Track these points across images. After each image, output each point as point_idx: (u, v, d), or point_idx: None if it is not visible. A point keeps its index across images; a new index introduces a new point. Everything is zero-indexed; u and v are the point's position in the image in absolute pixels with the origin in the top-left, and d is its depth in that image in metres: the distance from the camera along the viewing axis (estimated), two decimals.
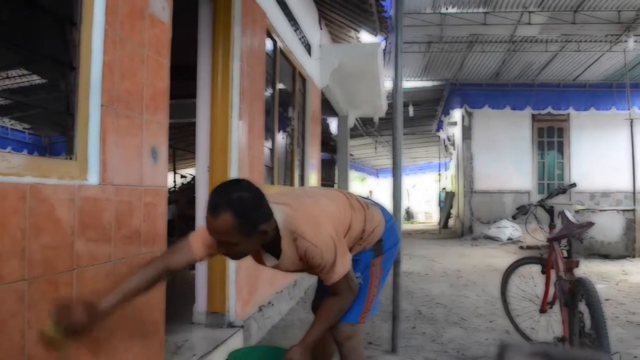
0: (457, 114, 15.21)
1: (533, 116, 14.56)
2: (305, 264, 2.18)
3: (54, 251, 1.92)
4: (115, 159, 2.30)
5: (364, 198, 2.60)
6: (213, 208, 1.89)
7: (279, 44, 5.51)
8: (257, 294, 4.49)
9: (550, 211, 3.89)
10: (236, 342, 3.74)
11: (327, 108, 10.37)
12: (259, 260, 2.29)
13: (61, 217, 1.96)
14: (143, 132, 2.54)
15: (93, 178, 2.17)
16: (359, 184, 31.53)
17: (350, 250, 2.34)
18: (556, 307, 3.68)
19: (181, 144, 13.74)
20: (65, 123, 2.13)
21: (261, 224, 1.97)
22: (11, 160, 1.77)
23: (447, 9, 10.26)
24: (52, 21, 2.19)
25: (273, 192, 2.27)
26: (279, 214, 2.07)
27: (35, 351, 1.83)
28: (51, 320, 1.73)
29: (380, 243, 2.49)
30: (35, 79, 3.63)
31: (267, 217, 2.01)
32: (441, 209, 22.26)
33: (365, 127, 17.41)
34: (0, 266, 1.67)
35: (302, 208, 2.17)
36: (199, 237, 2.15)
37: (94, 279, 2.16)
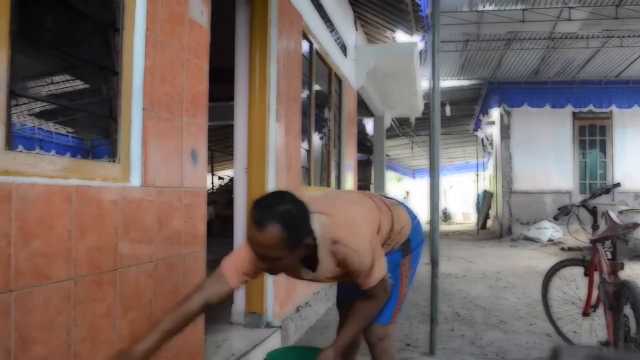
0: (495, 113, 14.96)
1: (574, 114, 14.22)
2: (344, 271, 2.13)
3: (98, 251, 1.97)
4: (156, 161, 2.35)
5: (387, 198, 2.58)
6: (259, 221, 1.83)
7: (315, 45, 5.53)
8: (295, 294, 4.52)
9: (593, 212, 3.80)
10: (274, 342, 3.76)
11: (363, 109, 10.34)
12: (295, 275, 2.22)
13: (105, 219, 2.01)
14: (183, 134, 2.58)
15: (135, 180, 2.22)
16: (395, 185, 31.35)
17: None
18: (600, 311, 3.60)
19: (218, 145, 13.92)
20: (109, 127, 2.19)
21: (305, 237, 1.94)
22: (57, 163, 1.83)
23: (484, 6, 10.11)
24: (96, 28, 2.24)
25: (314, 197, 2.28)
26: (316, 222, 2.02)
27: (81, 349, 1.88)
28: None
29: (408, 242, 2.49)
30: (79, 84, 3.74)
31: (309, 231, 1.97)
32: (479, 210, 21.96)
33: (402, 128, 17.30)
34: (47, 266, 1.73)
35: (339, 214, 2.13)
36: (232, 266, 2.10)
37: (136, 279, 2.21)
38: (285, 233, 1.83)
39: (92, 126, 3.53)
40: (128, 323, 2.16)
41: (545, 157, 14.27)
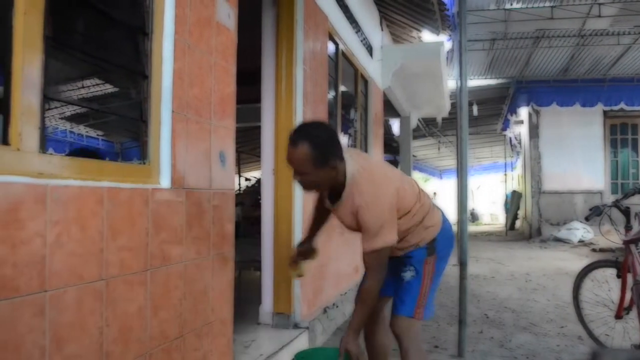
0: (523, 112, 14.75)
1: (605, 113, 13.92)
2: (355, 220, 2.35)
3: (129, 252, 2.00)
4: (185, 163, 2.38)
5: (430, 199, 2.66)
6: (294, 139, 2.19)
7: (341, 46, 5.53)
8: (322, 295, 4.52)
9: (626, 212, 3.73)
10: (301, 343, 3.77)
11: (389, 109, 10.30)
12: (321, 200, 2.63)
13: (136, 220, 2.04)
14: (211, 136, 2.61)
15: (165, 182, 2.25)
16: (422, 185, 31.12)
17: (404, 239, 2.48)
18: (633, 313, 3.53)
19: (245, 147, 14.01)
20: (139, 129, 2.22)
21: (331, 159, 2.22)
22: (90, 165, 1.86)
23: (511, 4, 9.97)
24: (126, 32, 2.28)
25: (360, 153, 2.55)
26: (351, 167, 2.31)
27: (113, 348, 1.91)
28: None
29: (434, 242, 2.54)
30: (109, 88, 3.80)
31: (337, 157, 2.26)
32: (507, 211, 21.67)
33: (428, 128, 17.19)
34: (80, 266, 1.76)
35: (372, 174, 2.33)
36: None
37: (166, 280, 2.24)
38: (313, 150, 2.16)
39: (121, 129, 3.58)
40: (159, 323, 2.18)
41: (576, 156, 14.01)
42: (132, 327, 2.03)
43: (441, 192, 29.51)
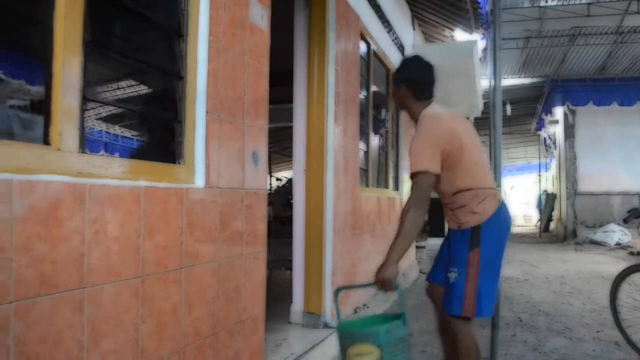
0: (558, 112, 14.49)
1: None
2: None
3: (164, 250, 2.04)
4: (219, 163, 2.41)
5: (499, 191, 2.80)
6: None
7: (373, 46, 5.51)
8: (353, 295, 4.52)
9: None
10: (332, 343, 3.77)
11: None
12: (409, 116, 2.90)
13: (171, 219, 2.08)
14: (244, 136, 2.63)
15: (199, 181, 2.28)
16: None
17: (454, 211, 2.65)
18: None
19: (276, 147, 14.09)
20: (174, 129, 2.26)
21: (406, 82, 2.73)
22: (127, 165, 1.90)
23: (546, 2, 9.81)
24: (162, 34, 2.32)
25: (454, 114, 2.79)
26: (432, 108, 2.70)
27: (148, 345, 1.95)
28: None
29: (478, 233, 2.54)
30: (145, 89, 3.87)
31: (414, 85, 2.72)
32: (540, 212, 21.32)
33: None
34: (117, 264, 1.80)
35: (435, 116, 2.62)
36: None
37: (200, 278, 2.27)
38: (402, 65, 2.84)
39: (156, 129, 3.64)
40: (192, 320, 2.22)
41: (613, 156, 13.70)
42: (167, 324, 2.06)
43: None
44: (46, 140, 1.61)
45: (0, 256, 1.39)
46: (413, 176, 2.49)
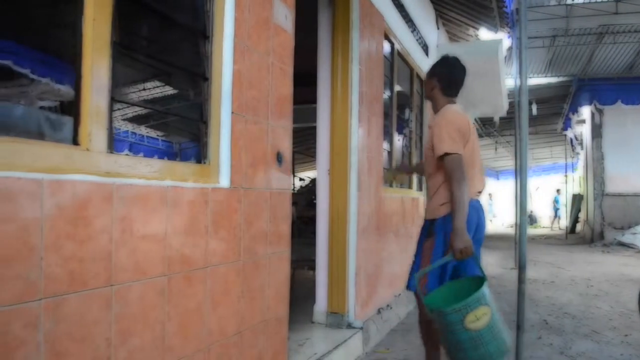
0: (586, 111, 14.24)
1: None
2: (430, 136, 3.00)
3: (190, 250, 2.06)
4: (243, 163, 2.43)
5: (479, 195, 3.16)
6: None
7: (397, 46, 5.49)
8: (376, 296, 4.51)
9: None
10: (355, 343, 3.77)
11: None
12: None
13: (196, 218, 2.10)
14: (269, 137, 2.65)
15: (224, 181, 2.30)
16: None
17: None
18: None
19: (299, 147, 14.11)
20: (199, 130, 2.28)
21: (439, 75, 3.11)
22: (154, 165, 1.92)
23: (573, 0, 9.66)
24: (187, 36, 2.35)
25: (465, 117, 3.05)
26: (454, 105, 3.09)
27: (174, 342, 1.97)
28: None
29: (441, 222, 2.90)
30: (171, 90, 3.92)
31: (446, 81, 3.11)
32: (557, 213, 21.21)
33: (485, 128, 16.85)
34: (144, 262, 1.82)
35: (453, 113, 2.98)
36: None
37: (225, 277, 2.29)
38: (436, 62, 3.22)
39: (181, 130, 3.68)
40: (217, 319, 2.24)
41: None
42: (192, 322, 2.08)
43: (498, 193, 28.86)
44: (75, 141, 1.64)
45: (31, 254, 1.42)
46: (445, 156, 2.84)
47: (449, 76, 3.15)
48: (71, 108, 1.68)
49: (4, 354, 1.34)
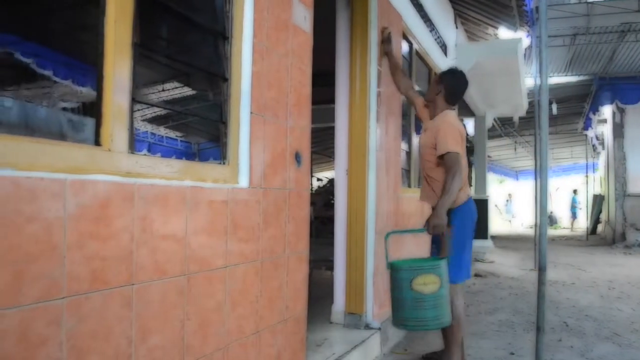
0: (607, 111, 14.06)
1: None
2: (432, 137, 3.43)
3: (209, 249, 2.07)
4: (262, 164, 2.44)
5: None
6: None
7: (415, 45, 5.47)
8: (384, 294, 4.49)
9: None
10: (373, 344, 3.77)
11: (464, 108, 10.10)
12: (423, 113, 3.82)
13: (216, 218, 2.11)
14: (287, 137, 2.65)
15: (243, 181, 2.31)
16: (497, 187, 30.25)
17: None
18: None
19: (317, 147, 14.12)
20: (218, 130, 2.29)
21: (445, 83, 3.53)
22: (174, 165, 1.94)
23: None
24: (207, 37, 2.36)
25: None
26: (448, 114, 3.50)
27: (194, 341, 1.99)
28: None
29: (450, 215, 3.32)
30: (190, 91, 3.94)
31: (450, 90, 3.54)
32: (574, 215, 20.99)
33: (504, 127, 16.72)
34: (164, 262, 1.84)
35: (453, 121, 3.46)
36: (420, 99, 3.90)
37: (244, 277, 2.30)
38: (444, 72, 3.69)
39: (200, 130, 3.71)
40: (236, 318, 2.25)
41: None
42: (212, 322, 2.09)
43: (517, 194, 28.59)
44: (97, 141, 1.66)
45: (54, 253, 1.44)
46: (447, 154, 3.27)
47: (454, 86, 3.57)
48: (92, 109, 1.70)
49: (28, 351, 1.37)
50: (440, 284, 3.00)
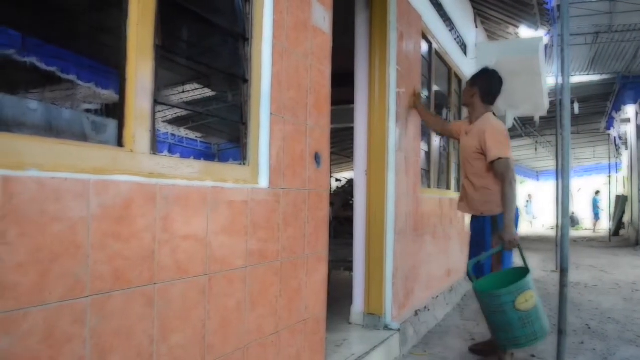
0: (630, 110, 13.84)
1: None
2: (477, 141, 3.48)
3: (230, 249, 2.09)
4: (282, 164, 2.45)
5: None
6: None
7: (434, 45, 5.45)
8: (413, 297, 4.48)
9: None
10: (392, 344, 3.76)
11: None
12: (460, 130, 3.88)
13: (236, 218, 2.13)
14: (307, 138, 2.66)
15: (263, 182, 2.32)
16: (518, 187, 29.90)
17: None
18: None
19: (336, 148, 14.12)
20: (238, 131, 2.31)
21: (479, 85, 3.62)
22: (195, 166, 1.96)
23: None
24: (227, 38, 2.38)
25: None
26: (490, 117, 3.59)
27: (214, 341, 2.00)
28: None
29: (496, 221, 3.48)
30: (210, 92, 3.98)
31: (485, 90, 3.62)
32: (596, 216, 20.72)
33: (525, 127, 16.56)
34: (186, 261, 1.86)
35: (497, 125, 3.58)
36: (455, 124, 4.04)
37: (263, 277, 2.31)
38: (477, 73, 3.74)
39: (220, 131, 3.74)
40: (256, 318, 2.26)
41: None
42: (232, 321, 2.11)
43: (538, 194, 28.29)
44: (120, 142, 1.68)
45: (78, 253, 1.46)
46: (497, 160, 3.34)
47: (489, 86, 3.61)
48: (115, 110, 1.72)
49: (53, 348, 1.39)
50: (535, 295, 3.11)
